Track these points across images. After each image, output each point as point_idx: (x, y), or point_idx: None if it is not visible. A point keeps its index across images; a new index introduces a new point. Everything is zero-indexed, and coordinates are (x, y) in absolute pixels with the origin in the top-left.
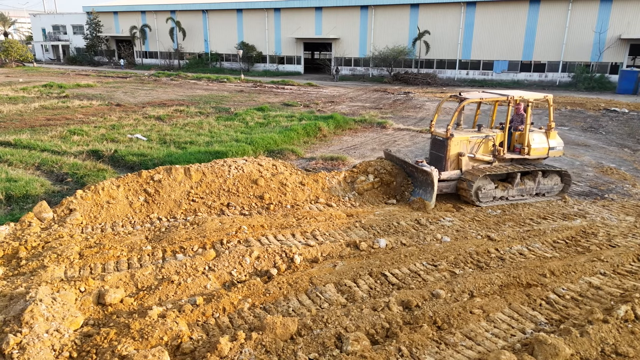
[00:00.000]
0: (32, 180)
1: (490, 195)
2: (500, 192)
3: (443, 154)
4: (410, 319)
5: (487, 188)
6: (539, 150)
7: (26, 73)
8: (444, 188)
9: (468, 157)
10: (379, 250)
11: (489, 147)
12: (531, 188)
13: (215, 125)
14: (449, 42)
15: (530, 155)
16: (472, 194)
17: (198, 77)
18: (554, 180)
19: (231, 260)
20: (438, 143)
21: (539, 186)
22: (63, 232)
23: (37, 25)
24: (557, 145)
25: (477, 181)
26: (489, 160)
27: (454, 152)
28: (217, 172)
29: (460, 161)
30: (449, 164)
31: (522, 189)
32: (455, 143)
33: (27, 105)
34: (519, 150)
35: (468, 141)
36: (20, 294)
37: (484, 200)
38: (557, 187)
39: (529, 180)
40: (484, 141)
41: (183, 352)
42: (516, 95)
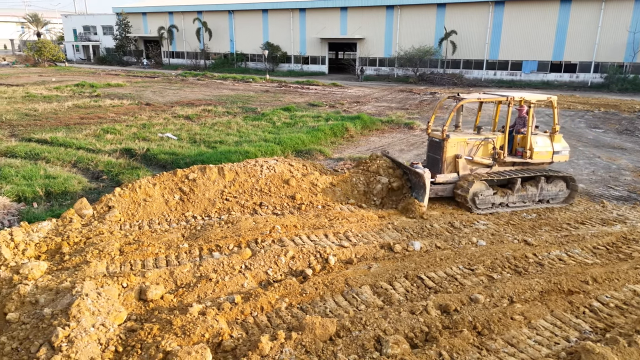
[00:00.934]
0: (69, 177)
1: (489, 201)
2: (499, 198)
3: (439, 156)
4: (449, 323)
5: (484, 194)
6: (542, 154)
7: (58, 72)
8: (439, 191)
9: (466, 160)
10: (413, 252)
11: (489, 150)
12: (533, 194)
13: (243, 125)
14: (476, 42)
15: (532, 159)
16: (468, 200)
17: (224, 77)
18: (558, 187)
19: (267, 260)
20: (434, 145)
21: (542, 192)
22: (103, 229)
23: (68, 25)
24: (562, 150)
25: (474, 186)
26: (488, 163)
27: (450, 154)
28: (250, 171)
29: (457, 164)
30: (446, 166)
31: (523, 195)
32: (451, 145)
33: (61, 104)
34: (521, 154)
35: (466, 143)
36: (66, 288)
37: (482, 206)
38: (562, 193)
39: (531, 186)
40: (483, 143)
41: (224, 349)
42: (517, 96)
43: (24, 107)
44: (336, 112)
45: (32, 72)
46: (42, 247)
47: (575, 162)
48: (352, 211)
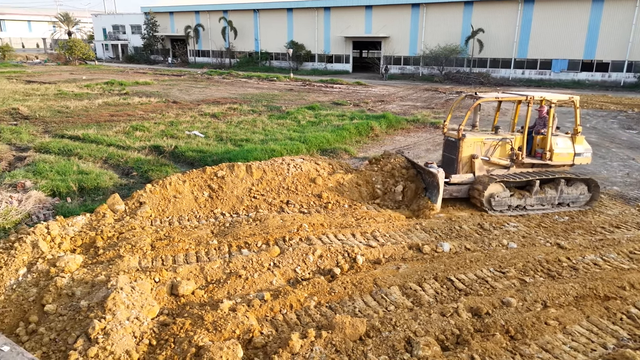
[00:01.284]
0: (101, 173)
1: (505, 203)
2: (516, 200)
3: (455, 155)
4: (480, 326)
5: (501, 195)
6: (562, 156)
7: (88, 71)
8: (454, 192)
9: (482, 161)
10: (442, 254)
11: (507, 150)
12: (553, 197)
13: (268, 123)
14: (504, 40)
15: (552, 161)
16: (483, 201)
17: (248, 75)
18: (579, 190)
19: (295, 258)
20: (450, 144)
21: (562, 195)
22: (135, 224)
23: (98, 25)
24: (584, 152)
25: (490, 187)
26: (506, 164)
27: (466, 154)
28: (277, 170)
29: (473, 164)
30: (461, 166)
31: (542, 197)
32: (467, 145)
33: (91, 102)
34: (540, 155)
35: (482, 143)
36: (101, 281)
37: (498, 208)
38: (583, 197)
39: (551, 189)
40: (500, 144)
41: (255, 346)
42: (537, 96)
43: (57, 104)
44: (361, 111)
45: (64, 70)
46: (77, 241)
47: (609, 164)
48: (379, 211)
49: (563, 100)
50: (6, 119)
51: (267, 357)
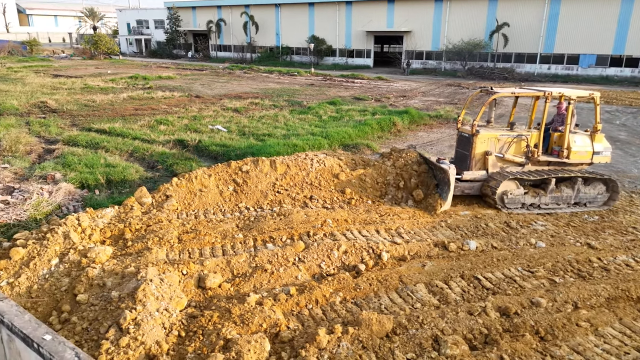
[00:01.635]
0: (128, 166)
1: (518, 201)
2: (530, 198)
3: (468, 152)
4: (509, 326)
5: (514, 193)
6: (580, 154)
7: (113, 65)
8: (466, 189)
9: (496, 157)
10: (469, 252)
11: (522, 147)
12: (569, 196)
13: (290, 118)
14: (529, 35)
15: (569, 159)
16: (495, 199)
17: (269, 70)
18: (597, 189)
19: (320, 253)
20: (463, 140)
21: (579, 195)
22: (162, 217)
23: (122, 20)
24: (603, 150)
25: (503, 184)
26: (521, 162)
27: (479, 150)
28: (300, 165)
29: (486, 161)
30: (474, 163)
31: (557, 196)
32: (481, 140)
33: (116, 96)
34: (557, 153)
35: (497, 139)
36: (131, 273)
37: (511, 206)
38: (601, 197)
39: (567, 188)
40: (515, 140)
41: (281, 340)
42: (555, 92)
43: (83, 98)
44: (382, 106)
45: (89, 65)
46: (107, 233)
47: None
48: (403, 207)
49: (583, 96)
50: (35, 112)
51: (294, 351)
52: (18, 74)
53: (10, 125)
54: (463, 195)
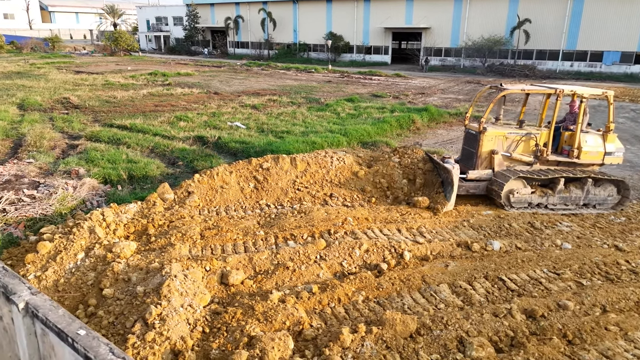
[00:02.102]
0: (149, 162)
1: (525, 200)
2: (537, 198)
3: (475, 149)
4: (535, 329)
5: (521, 192)
6: (591, 154)
7: (133, 62)
8: (471, 189)
9: (503, 156)
10: (492, 252)
11: (530, 146)
12: (578, 197)
13: (308, 115)
14: (552, 31)
15: (580, 159)
16: (501, 197)
17: (287, 67)
18: (608, 191)
19: (341, 251)
20: (470, 138)
21: (588, 196)
22: (184, 213)
23: (142, 17)
24: (615, 151)
25: (510, 183)
26: (529, 161)
27: (486, 148)
28: (320, 162)
29: (493, 160)
30: (480, 161)
31: (565, 197)
32: (488, 138)
33: (136, 92)
34: (567, 152)
35: (505, 137)
36: (155, 268)
37: (517, 205)
38: (611, 199)
39: (576, 188)
40: (524, 139)
41: (305, 338)
42: (567, 89)
43: (104, 94)
44: (401, 103)
45: (109, 61)
46: (130, 228)
47: None
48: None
49: (596, 94)
50: (58, 108)
51: (317, 350)
52: (41, 70)
53: (35, 120)
54: (469, 195)
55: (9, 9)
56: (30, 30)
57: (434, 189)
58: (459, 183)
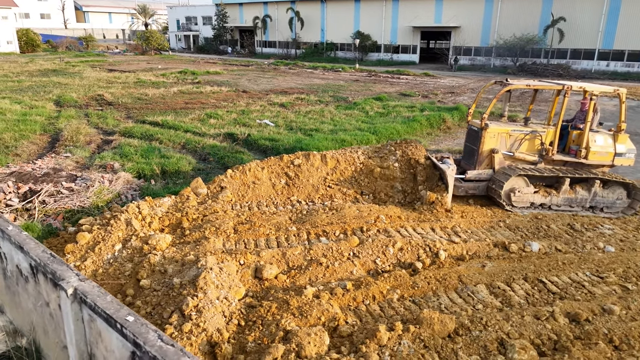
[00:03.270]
0: (181, 158)
1: (527, 200)
2: (540, 198)
3: (476, 147)
4: (580, 333)
5: (523, 191)
6: (600, 155)
7: (163, 60)
8: (470, 189)
9: (504, 155)
10: (531, 254)
11: (535, 145)
12: (584, 199)
13: (336, 113)
14: (587, 30)
15: (587, 160)
16: (502, 195)
17: (314, 66)
18: (617, 194)
19: (375, 249)
20: (473, 134)
21: (595, 198)
22: (217, 208)
23: (172, 16)
24: (626, 152)
25: (510, 181)
26: (533, 160)
27: (488, 146)
28: (349, 160)
29: (493, 159)
30: (481, 160)
31: (570, 198)
32: (490, 135)
33: (167, 90)
34: (575, 152)
35: (508, 135)
36: (190, 261)
37: (518, 205)
38: (620, 202)
39: (582, 190)
40: (528, 137)
41: (340, 335)
42: (575, 86)
43: (136, 91)
44: (430, 102)
45: (141, 60)
46: (165, 221)
47: None
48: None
49: (606, 92)
50: (93, 105)
51: (353, 346)
52: (75, 68)
53: (71, 116)
54: (467, 196)
55: (45, 9)
56: (65, 30)
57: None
58: (458, 183)
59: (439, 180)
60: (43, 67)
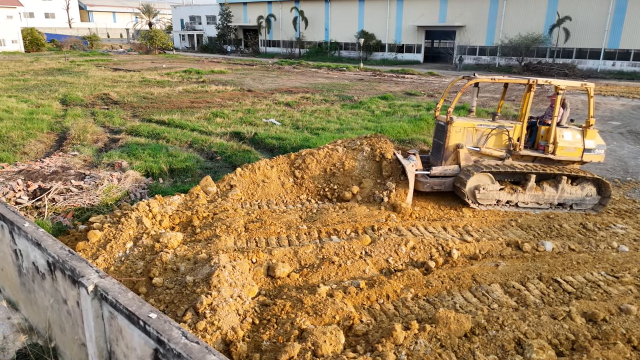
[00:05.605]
0: (189, 156)
1: (492, 197)
2: (506, 195)
3: (443, 142)
4: (597, 333)
5: (488, 188)
6: (568, 150)
7: (167, 60)
8: (436, 185)
9: (470, 150)
10: (544, 253)
11: (503, 140)
12: (551, 196)
13: (342, 112)
14: (593, 29)
15: (555, 155)
16: (466, 193)
17: (318, 65)
18: (586, 191)
19: (387, 248)
20: (440, 129)
21: (563, 195)
22: (227, 206)
23: (176, 16)
24: (596, 148)
25: (475, 178)
26: (500, 155)
27: (454, 141)
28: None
29: (458, 154)
30: (447, 155)
31: (538, 195)
32: (456, 130)
33: (172, 89)
34: (544, 148)
35: (474, 129)
36: (203, 259)
37: (484, 202)
38: (590, 199)
39: (550, 186)
40: (495, 132)
41: (355, 333)
42: (541, 80)
43: (142, 90)
44: (436, 101)
45: (145, 59)
46: (175, 219)
47: None
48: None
49: (574, 86)
50: (99, 104)
51: (369, 345)
52: (80, 67)
53: (77, 115)
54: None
55: (50, 9)
56: (69, 29)
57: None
58: (423, 179)
59: (402, 174)
60: (48, 66)
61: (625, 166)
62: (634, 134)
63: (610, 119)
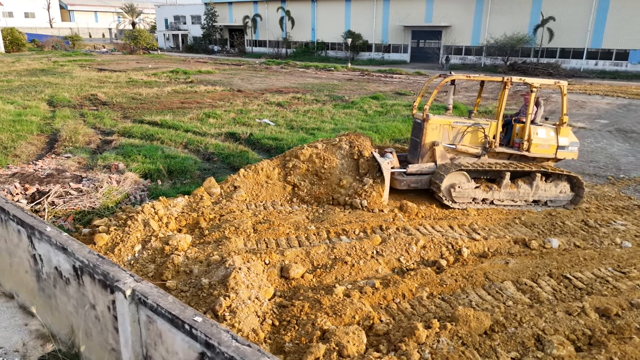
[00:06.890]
0: (186, 157)
1: (468, 195)
2: (482, 193)
3: (419, 139)
4: (612, 328)
5: (464, 187)
6: (542, 147)
7: (153, 60)
8: (412, 183)
9: (447, 148)
10: (551, 250)
11: (479, 137)
12: (526, 193)
13: (335, 112)
14: (576, 29)
15: (530, 152)
16: (442, 191)
17: (306, 65)
18: (559, 187)
19: (397, 247)
20: (417, 127)
21: (538, 192)
22: (232, 207)
23: (160, 15)
24: (569, 145)
25: (450, 176)
26: (476, 153)
27: (430, 138)
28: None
29: (434, 152)
30: (423, 152)
31: (513, 192)
32: (432, 127)
33: (161, 89)
34: (519, 145)
35: (450, 127)
36: (216, 261)
37: (460, 200)
38: (564, 196)
39: (524, 184)
40: (471, 130)
41: (376, 333)
42: (515, 78)
43: (130, 91)
44: (426, 101)
45: (130, 59)
46: (182, 221)
47: None
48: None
49: (547, 84)
50: (87, 105)
51: (391, 344)
52: (64, 67)
53: (66, 116)
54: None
55: (30, 8)
56: (50, 29)
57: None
58: (400, 177)
59: (378, 172)
60: (31, 67)
61: (617, 164)
62: (622, 132)
63: (597, 117)
